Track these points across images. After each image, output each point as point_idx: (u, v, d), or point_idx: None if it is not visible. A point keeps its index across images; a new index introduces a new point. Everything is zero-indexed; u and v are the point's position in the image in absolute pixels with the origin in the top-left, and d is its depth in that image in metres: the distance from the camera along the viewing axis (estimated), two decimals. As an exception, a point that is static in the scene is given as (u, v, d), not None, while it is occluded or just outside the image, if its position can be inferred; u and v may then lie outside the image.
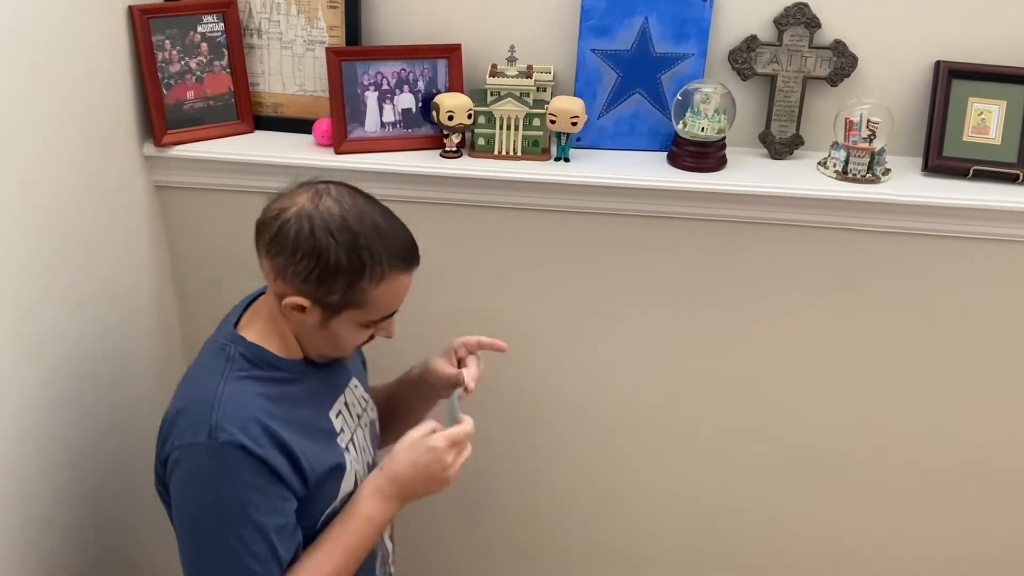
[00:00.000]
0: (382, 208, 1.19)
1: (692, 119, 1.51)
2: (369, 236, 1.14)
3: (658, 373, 1.72)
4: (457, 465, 1.22)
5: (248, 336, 1.23)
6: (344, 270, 1.13)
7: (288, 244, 1.13)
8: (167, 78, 1.53)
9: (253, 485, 1.14)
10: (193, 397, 1.19)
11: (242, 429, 1.13)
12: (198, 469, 1.15)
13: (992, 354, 1.64)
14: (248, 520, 1.14)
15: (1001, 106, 1.53)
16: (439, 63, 1.55)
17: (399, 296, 1.21)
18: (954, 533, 1.83)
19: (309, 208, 1.13)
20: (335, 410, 1.29)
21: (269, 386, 1.20)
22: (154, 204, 1.61)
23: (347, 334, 1.21)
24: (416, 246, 1.20)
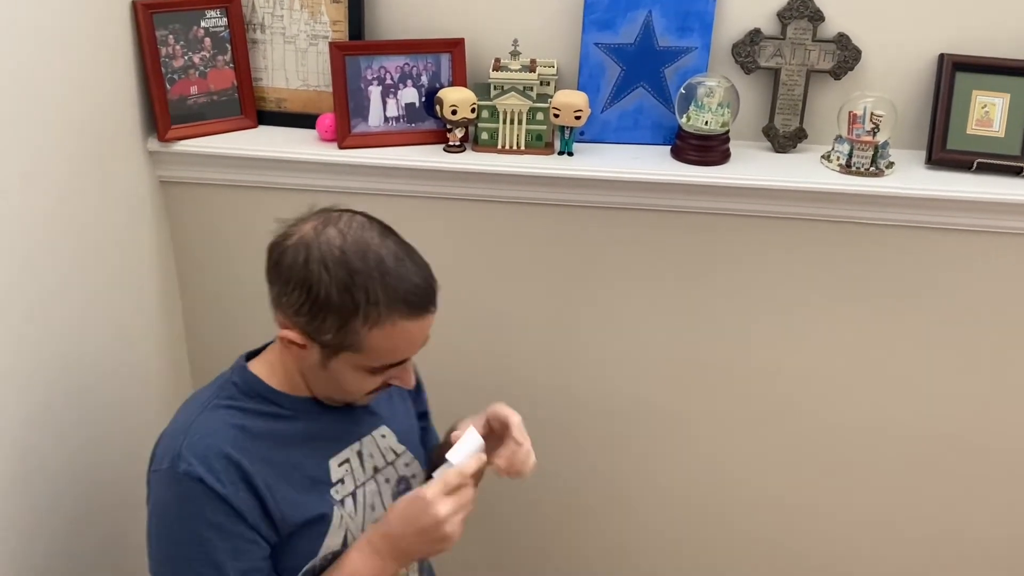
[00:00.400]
0: (399, 246, 1.08)
1: (696, 113, 1.51)
2: (367, 275, 1.04)
3: (662, 367, 1.72)
4: (455, 519, 1.07)
5: (254, 366, 1.17)
6: (335, 308, 1.04)
7: (283, 273, 1.06)
8: (171, 73, 1.53)
9: (212, 522, 1.07)
10: (175, 421, 1.14)
11: (203, 461, 1.06)
12: (160, 498, 1.10)
13: (995, 346, 1.64)
14: (207, 559, 1.07)
15: (1005, 99, 1.53)
16: (442, 57, 1.55)
17: (404, 344, 1.08)
18: (954, 522, 1.83)
19: (310, 237, 1.05)
20: (340, 458, 1.18)
21: (253, 419, 1.12)
22: (158, 199, 1.61)
23: (351, 378, 1.11)
24: (429, 292, 1.08)
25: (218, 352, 1.75)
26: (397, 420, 1.27)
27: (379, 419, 1.24)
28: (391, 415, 1.27)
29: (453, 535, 1.08)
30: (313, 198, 1.56)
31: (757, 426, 1.76)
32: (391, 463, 1.24)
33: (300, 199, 1.57)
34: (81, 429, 1.41)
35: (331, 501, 1.16)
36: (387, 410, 1.26)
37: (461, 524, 1.08)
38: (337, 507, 1.16)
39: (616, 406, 1.77)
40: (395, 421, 1.27)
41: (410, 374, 1.15)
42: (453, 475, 1.08)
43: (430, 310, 1.08)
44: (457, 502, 1.08)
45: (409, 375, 1.14)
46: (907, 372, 1.68)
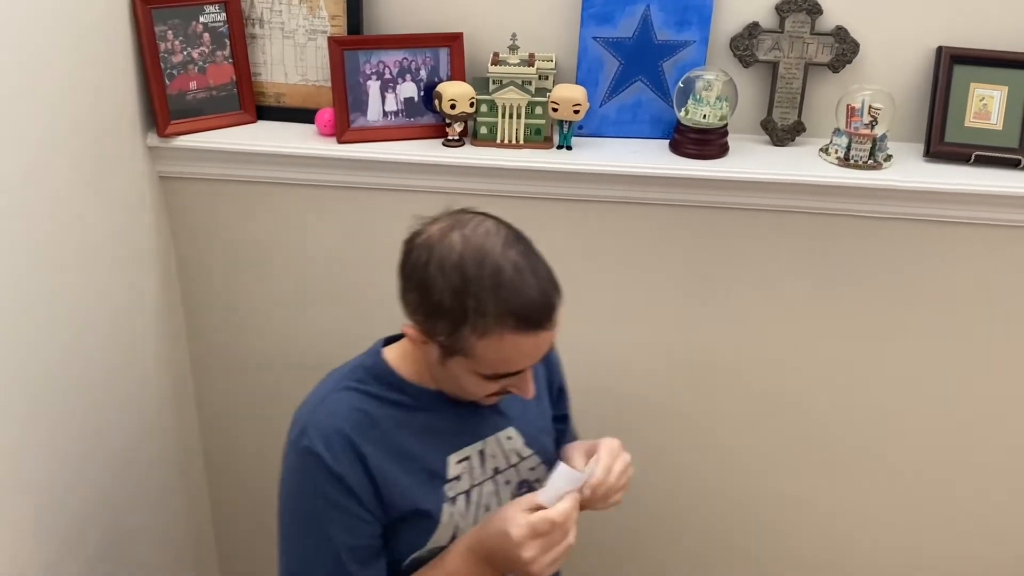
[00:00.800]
0: (523, 258, 1.05)
1: (694, 106, 1.52)
2: (481, 284, 1.02)
3: (661, 360, 1.73)
4: (543, 561, 1.06)
5: (388, 352, 1.20)
6: (446, 313, 1.04)
7: (407, 272, 1.08)
8: (170, 68, 1.53)
9: (327, 497, 1.12)
10: (311, 395, 1.19)
11: (324, 439, 1.12)
12: (287, 465, 1.17)
13: (994, 337, 1.65)
14: (320, 531, 1.13)
15: (1003, 91, 1.53)
16: (441, 52, 1.55)
17: (515, 357, 1.07)
18: (952, 512, 1.84)
19: (436, 238, 1.06)
20: (460, 455, 1.19)
21: (378, 405, 1.16)
22: (158, 194, 1.61)
23: (467, 381, 1.11)
24: (545, 309, 1.05)
25: (219, 348, 1.77)
26: (528, 422, 1.26)
27: (507, 420, 1.24)
28: (521, 417, 1.26)
29: (542, 573, 1.07)
30: (314, 193, 1.60)
31: (755, 418, 1.77)
32: (514, 465, 1.24)
33: (300, 194, 1.60)
34: (81, 427, 1.41)
35: (442, 497, 1.17)
36: (518, 411, 1.25)
37: (552, 564, 1.07)
38: (447, 504, 1.17)
39: (615, 398, 1.77)
40: (525, 423, 1.26)
41: (528, 384, 1.13)
42: (542, 522, 1.06)
43: (544, 327, 1.05)
44: (544, 545, 1.06)
45: (527, 385, 1.13)
46: (906, 364, 1.69)
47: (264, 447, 1.86)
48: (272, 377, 1.78)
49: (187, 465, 1.82)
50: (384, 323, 1.69)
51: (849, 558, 1.91)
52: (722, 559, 1.94)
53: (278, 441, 1.84)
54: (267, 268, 1.68)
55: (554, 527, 1.06)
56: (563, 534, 1.07)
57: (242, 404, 1.82)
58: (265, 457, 1.87)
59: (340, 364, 1.72)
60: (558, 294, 1.07)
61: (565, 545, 1.07)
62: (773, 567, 1.93)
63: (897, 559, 1.90)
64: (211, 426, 1.86)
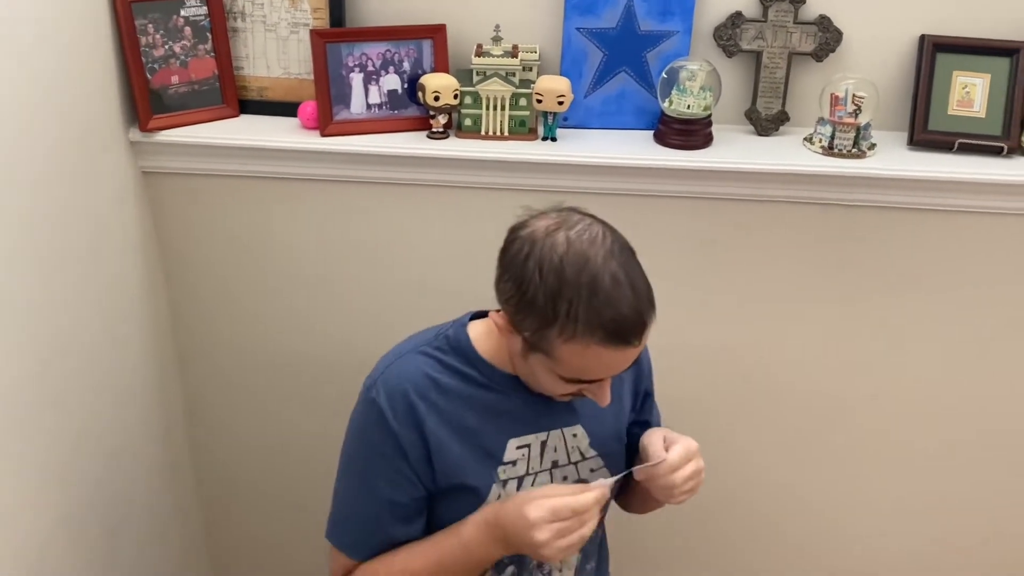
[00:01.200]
0: (623, 269, 1.04)
1: (678, 97, 1.51)
2: (577, 290, 1.02)
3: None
4: (556, 545, 1.06)
5: (473, 327, 1.21)
6: (537, 311, 1.04)
7: (506, 261, 1.08)
8: (151, 63, 1.52)
9: (380, 450, 1.17)
10: (394, 348, 1.23)
11: (388, 395, 1.16)
12: (355, 410, 1.22)
13: (978, 324, 1.66)
14: (367, 479, 1.19)
15: (985, 79, 1.53)
16: (424, 44, 1.54)
17: (596, 367, 1.07)
18: (951, 499, 1.85)
19: (540, 234, 1.06)
20: (521, 441, 1.21)
21: (450, 376, 1.18)
22: (141, 190, 1.60)
23: (544, 378, 1.12)
24: (635, 327, 1.04)
25: (206, 343, 1.77)
26: (599, 424, 1.26)
27: (576, 417, 1.24)
28: (593, 417, 1.25)
29: (553, 557, 1.08)
30: (298, 186, 1.59)
31: (741, 405, 1.77)
32: (574, 463, 1.25)
33: (284, 188, 1.60)
34: (68, 425, 1.40)
35: (493, 477, 1.20)
36: (591, 411, 1.24)
37: (566, 550, 1.07)
38: (497, 485, 1.19)
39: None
40: (596, 424, 1.26)
41: (605, 393, 1.13)
42: (562, 508, 1.07)
43: (632, 343, 1.05)
44: (559, 530, 1.06)
45: (604, 394, 1.13)
46: (890, 349, 1.69)
47: (252, 442, 1.86)
48: (259, 371, 1.78)
49: (176, 462, 1.81)
50: (371, 316, 1.69)
51: (860, 547, 1.92)
52: (725, 550, 1.94)
53: (267, 436, 1.85)
54: (252, 263, 1.68)
55: (572, 514, 1.07)
56: (580, 523, 1.08)
57: (230, 399, 1.82)
58: (254, 452, 1.88)
59: (323, 357, 1.73)
60: (652, 312, 1.07)
61: (580, 534, 1.08)
62: (776, 558, 1.94)
63: (900, 546, 1.91)
64: (199, 423, 1.85)
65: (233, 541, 1.99)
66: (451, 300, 1.62)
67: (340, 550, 1.24)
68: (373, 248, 1.64)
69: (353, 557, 1.23)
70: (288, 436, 1.85)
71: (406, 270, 1.66)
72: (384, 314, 1.68)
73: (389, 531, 1.20)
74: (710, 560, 1.96)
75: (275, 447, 1.86)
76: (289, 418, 1.83)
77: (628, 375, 1.31)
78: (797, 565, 1.95)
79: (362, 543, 1.22)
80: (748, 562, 1.96)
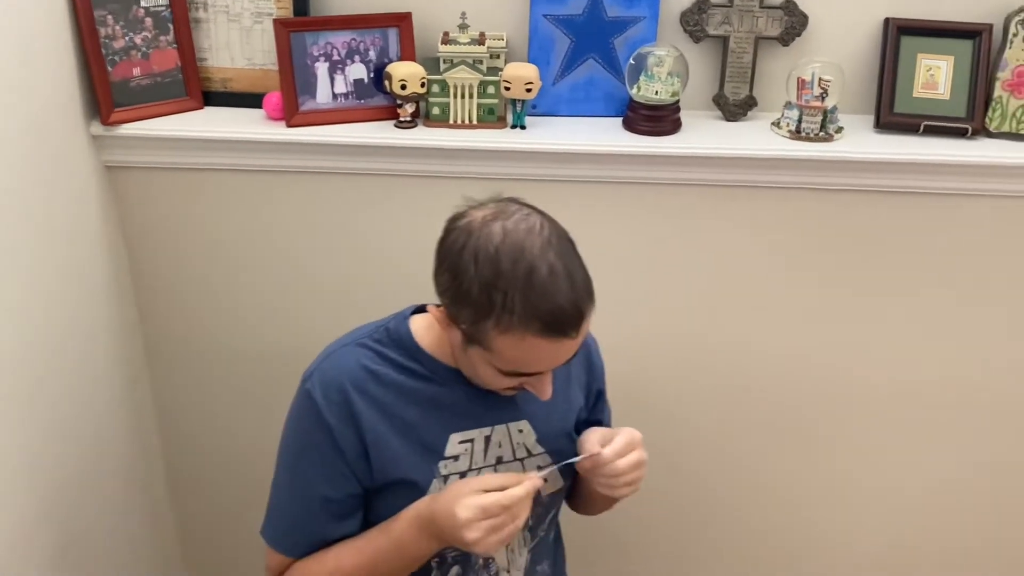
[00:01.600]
0: (561, 261, 1.02)
1: (646, 83, 1.51)
2: (513, 281, 1.00)
3: (618, 339, 1.73)
4: (487, 541, 1.05)
5: (415, 321, 1.20)
6: (472, 303, 1.03)
7: (443, 252, 1.07)
8: (111, 55, 1.50)
9: (314, 443, 1.15)
10: (334, 341, 1.22)
11: (323, 388, 1.15)
12: (293, 403, 1.20)
13: (946, 303, 1.67)
14: (302, 472, 1.17)
15: (949, 61, 1.55)
16: (390, 32, 1.53)
17: (533, 359, 1.06)
18: (936, 477, 1.87)
19: (477, 225, 1.04)
20: (464, 436, 1.19)
21: (392, 369, 1.17)
22: (104, 184, 1.57)
23: (483, 372, 1.10)
24: (572, 319, 1.02)
25: (175, 340, 1.74)
26: (547, 420, 1.24)
27: (521, 412, 1.22)
28: (540, 414, 1.23)
29: (486, 552, 1.07)
30: (264, 178, 1.57)
31: (714, 389, 1.78)
32: (520, 459, 1.23)
33: (250, 180, 1.58)
34: (33, 425, 1.38)
35: (434, 472, 1.17)
36: (537, 407, 1.22)
37: (497, 544, 1.06)
38: (437, 480, 1.17)
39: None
40: (543, 420, 1.24)
41: (546, 386, 1.11)
42: (492, 505, 1.05)
43: (569, 335, 1.03)
44: (491, 527, 1.05)
45: (545, 387, 1.11)
46: (860, 333, 1.71)
47: (223, 439, 1.84)
48: (229, 367, 1.76)
49: (145, 460, 1.79)
50: (341, 308, 1.68)
51: (852, 534, 1.93)
52: (709, 544, 1.95)
53: (237, 432, 1.83)
54: (220, 257, 1.65)
55: (503, 510, 1.05)
56: (512, 517, 1.06)
57: (199, 395, 1.80)
58: (225, 448, 1.85)
59: (294, 352, 1.71)
60: (590, 304, 1.06)
61: (513, 527, 1.07)
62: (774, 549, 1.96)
63: (901, 533, 1.93)
64: (170, 420, 1.83)
65: (206, 539, 1.97)
66: (421, 291, 1.61)
67: (273, 547, 1.21)
68: (342, 239, 1.63)
69: (286, 555, 1.20)
70: (260, 432, 1.82)
71: (376, 261, 1.65)
72: (354, 306, 1.66)
73: (323, 528, 1.17)
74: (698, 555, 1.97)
75: (246, 443, 1.84)
76: (261, 413, 1.80)
77: (580, 373, 1.30)
78: (781, 557, 1.96)
79: (295, 541, 1.19)
80: (733, 554, 1.97)
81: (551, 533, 1.34)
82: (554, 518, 1.33)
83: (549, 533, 1.33)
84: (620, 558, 1.98)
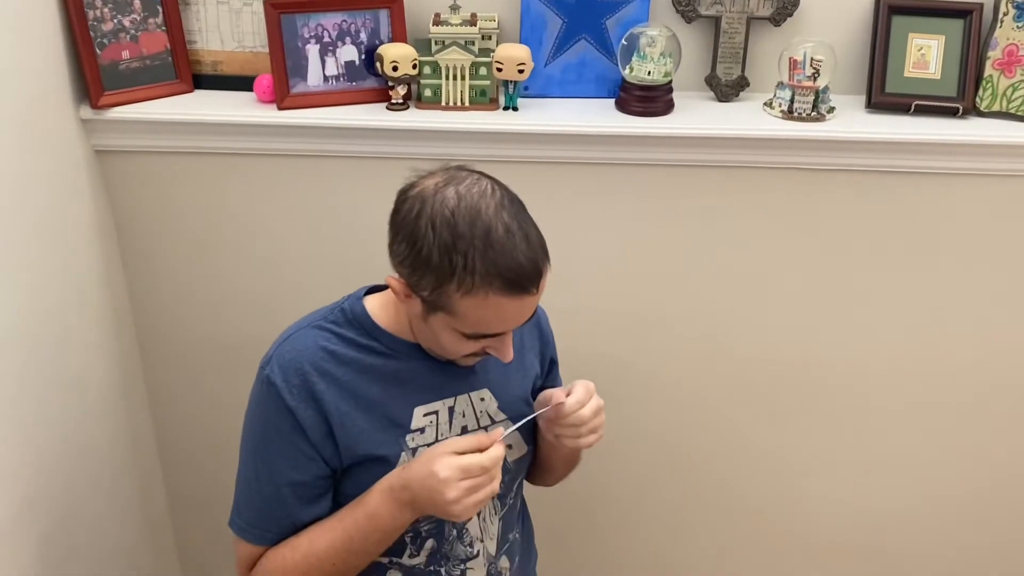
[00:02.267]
0: (515, 220, 1.05)
1: (638, 63, 1.51)
2: (471, 242, 1.02)
3: (610, 317, 1.73)
4: (466, 502, 1.06)
5: (369, 300, 1.20)
6: (433, 268, 1.04)
7: (397, 222, 1.08)
8: (100, 37, 1.48)
9: (278, 427, 1.15)
10: (288, 328, 1.21)
11: (282, 371, 1.14)
12: (252, 391, 1.20)
13: (937, 283, 1.68)
14: (267, 459, 1.16)
15: (940, 41, 1.55)
16: (381, 13, 1.52)
17: (496, 319, 1.07)
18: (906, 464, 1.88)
19: (430, 192, 1.05)
20: (427, 408, 1.20)
21: (350, 348, 1.17)
22: (94, 168, 1.56)
23: (446, 339, 1.11)
24: (532, 275, 1.05)
25: (167, 325, 1.74)
26: (505, 387, 1.26)
27: (482, 381, 1.24)
28: (500, 381, 1.26)
29: (463, 514, 1.07)
30: (255, 162, 1.56)
31: (703, 371, 1.78)
32: (484, 427, 1.24)
33: (241, 163, 1.57)
34: (23, 412, 1.37)
35: (402, 446, 1.18)
36: (497, 375, 1.25)
37: (474, 506, 1.07)
38: (406, 453, 1.18)
39: (570, 356, 1.77)
40: (502, 387, 1.26)
41: (507, 348, 1.13)
42: (472, 465, 1.06)
43: (530, 291, 1.05)
44: (469, 487, 1.06)
45: (506, 349, 1.13)
46: (852, 312, 1.71)
47: (218, 427, 1.84)
48: (222, 353, 1.75)
49: (138, 448, 1.78)
50: (335, 293, 1.67)
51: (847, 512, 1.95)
52: (719, 522, 1.96)
53: (230, 419, 1.82)
54: (211, 241, 1.65)
55: (482, 471, 1.07)
56: (490, 479, 1.08)
57: (192, 379, 1.79)
58: (219, 436, 1.85)
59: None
60: (546, 260, 1.08)
61: (490, 490, 1.08)
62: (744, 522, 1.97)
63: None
64: (163, 408, 1.82)
65: (200, 527, 1.96)
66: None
67: (242, 538, 1.20)
68: (334, 222, 1.62)
69: (257, 544, 1.19)
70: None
71: (369, 245, 1.63)
72: (348, 288, 1.66)
73: (293, 514, 1.16)
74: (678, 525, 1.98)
75: (239, 427, 1.83)
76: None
77: (533, 341, 1.32)
78: (764, 528, 1.98)
79: (266, 528, 1.18)
80: (715, 528, 1.98)
81: (518, 501, 1.35)
82: (520, 485, 1.35)
83: (517, 501, 1.34)
84: (589, 528, 1.99)
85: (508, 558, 1.32)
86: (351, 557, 1.16)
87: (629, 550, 2.01)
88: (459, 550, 1.25)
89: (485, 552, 1.27)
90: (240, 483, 1.21)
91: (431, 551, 1.24)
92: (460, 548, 1.25)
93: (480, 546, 1.26)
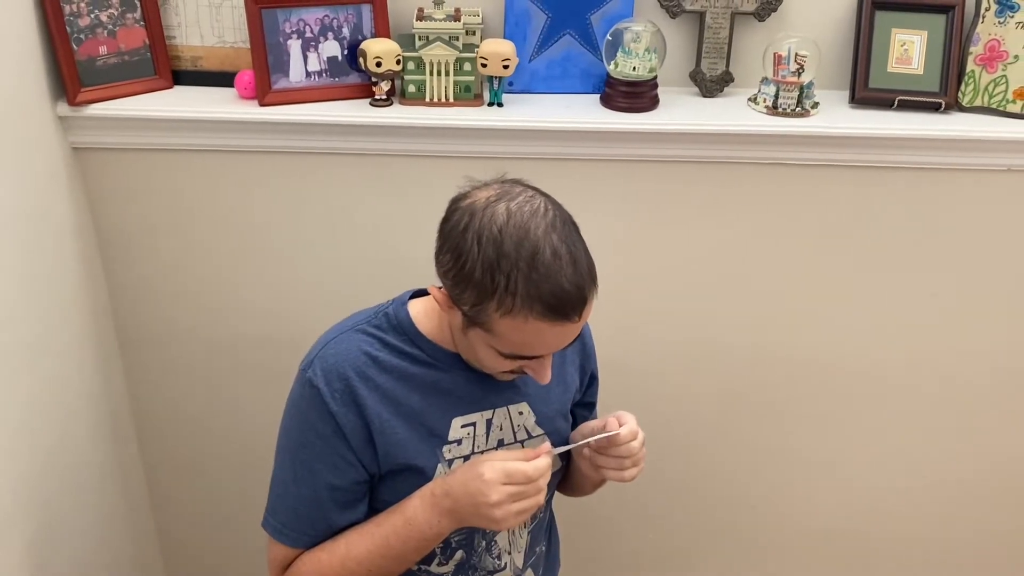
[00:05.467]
0: (564, 244, 1.02)
1: (623, 59, 1.50)
2: (515, 263, 0.99)
3: (596, 313, 1.72)
4: (508, 509, 1.05)
5: (413, 305, 1.19)
6: (475, 284, 1.02)
7: (445, 232, 1.06)
8: (77, 32, 1.45)
9: (319, 431, 1.13)
10: (331, 329, 1.20)
11: (325, 375, 1.13)
12: (292, 392, 1.18)
13: (919, 278, 1.69)
14: (306, 463, 1.15)
15: (922, 36, 1.56)
16: (363, 8, 1.50)
17: (535, 342, 1.05)
18: (928, 454, 1.90)
19: (480, 205, 1.03)
20: (465, 419, 1.19)
21: (390, 354, 1.15)
22: (72, 166, 1.54)
23: (484, 354, 1.10)
24: (575, 302, 1.02)
25: (147, 327, 1.71)
26: (544, 402, 1.25)
27: (521, 395, 1.22)
28: (539, 395, 1.24)
29: (503, 521, 1.06)
30: (237, 159, 1.54)
31: (694, 369, 1.79)
32: (521, 442, 1.23)
33: (222, 160, 1.55)
34: (2, 415, 1.34)
35: (438, 457, 1.17)
36: (536, 389, 1.23)
37: (516, 515, 1.06)
38: (442, 464, 1.17)
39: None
40: (541, 402, 1.24)
41: (546, 371, 1.11)
42: (517, 472, 1.05)
43: (571, 318, 1.03)
44: (513, 494, 1.05)
45: (544, 371, 1.11)
46: (836, 306, 1.72)
47: (200, 425, 1.82)
48: (205, 352, 1.73)
49: (120, 447, 1.76)
50: (318, 290, 1.66)
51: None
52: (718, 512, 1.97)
53: (213, 418, 1.81)
54: (192, 240, 1.63)
55: (527, 479, 1.05)
56: (536, 490, 1.06)
57: (173, 380, 1.77)
58: (202, 435, 1.83)
59: (269, 337, 1.70)
60: (594, 288, 1.05)
61: (534, 502, 1.06)
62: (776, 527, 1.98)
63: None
64: (144, 407, 1.80)
65: (185, 529, 1.95)
66: (398, 272, 1.60)
67: (278, 540, 1.19)
68: (317, 220, 1.61)
69: (293, 546, 1.18)
70: (237, 418, 1.81)
71: (352, 242, 1.63)
72: (331, 288, 1.65)
73: (330, 518, 1.16)
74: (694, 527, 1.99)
75: (224, 430, 1.82)
76: (238, 400, 1.79)
77: (574, 355, 1.31)
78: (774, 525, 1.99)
79: (302, 531, 1.17)
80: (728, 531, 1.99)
81: (547, 515, 1.35)
82: (551, 499, 1.34)
83: (546, 515, 1.33)
84: (610, 539, 1.99)
85: (533, 571, 1.31)
86: (388, 563, 1.15)
87: (629, 549, 2.01)
88: (487, 562, 1.24)
89: (512, 564, 1.26)
90: (276, 484, 1.19)
91: (459, 562, 1.23)
92: (488, 560, 1.24)
93: (508, 559, 1.26)
